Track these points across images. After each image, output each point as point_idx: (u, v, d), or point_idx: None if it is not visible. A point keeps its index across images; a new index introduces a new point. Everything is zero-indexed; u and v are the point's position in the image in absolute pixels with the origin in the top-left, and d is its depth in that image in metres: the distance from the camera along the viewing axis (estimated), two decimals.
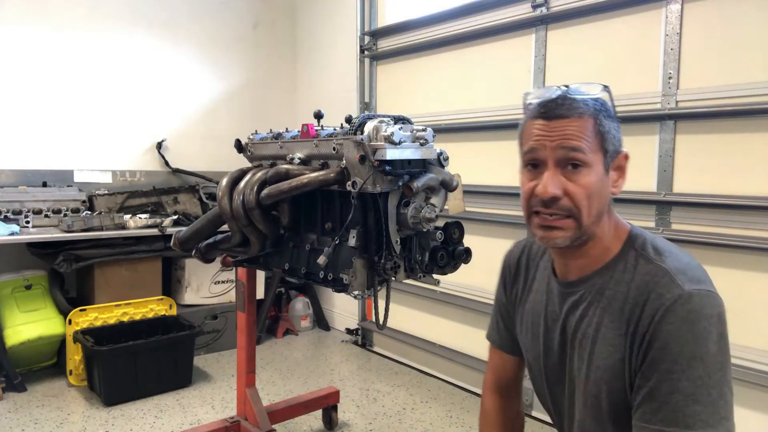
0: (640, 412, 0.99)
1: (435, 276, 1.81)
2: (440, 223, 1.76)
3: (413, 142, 1.71)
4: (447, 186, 1.79)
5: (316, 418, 2.96)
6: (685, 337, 0.96)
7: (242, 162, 2.14)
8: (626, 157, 1.11)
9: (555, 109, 1.07)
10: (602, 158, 1.06)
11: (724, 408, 0.96)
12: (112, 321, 3.36)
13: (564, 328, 1.17)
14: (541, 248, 1.32)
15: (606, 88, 1.10)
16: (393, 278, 1.74)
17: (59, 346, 3.40)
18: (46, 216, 3.42)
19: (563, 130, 1.04)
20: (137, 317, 3.44)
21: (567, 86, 1.11)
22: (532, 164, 1.09)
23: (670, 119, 2.41)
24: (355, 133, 1.70)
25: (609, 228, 1.12)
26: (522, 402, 1.48)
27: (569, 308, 1.16)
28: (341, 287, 1.73)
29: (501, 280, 1.43)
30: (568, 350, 1.17)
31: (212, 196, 4.03)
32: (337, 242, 1.75)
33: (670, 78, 2.41)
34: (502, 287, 1.43)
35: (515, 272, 1.37)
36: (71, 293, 3.72)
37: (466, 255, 1.80)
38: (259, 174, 1.86)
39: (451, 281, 3.29)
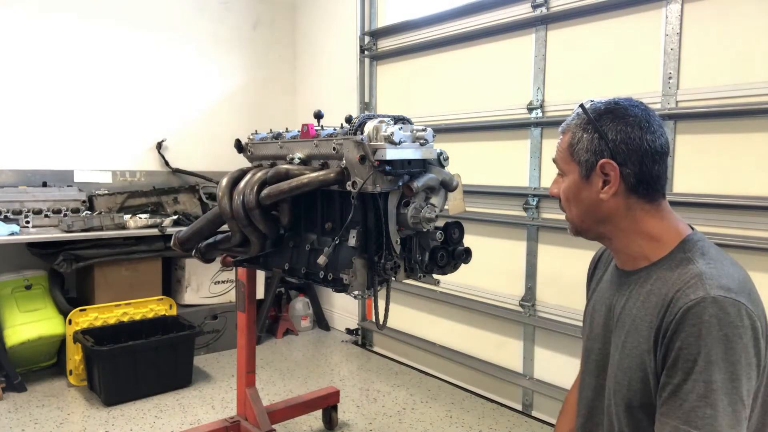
0: (665, 407, 1.05)
1: (435, 276, 1.81)
2: (440, 223, 1.76)
3: (413, 142, 1.71)
4: (447, 186, 1.79)
5: (316, 418, 2.96)
6: (704, 340, 0.99)
7: (242, 162, 2.14)
8: (607, 164, 1.15)
9: (560, 127, 1.28)
10: (576, 168, 1.20)
11: (734, 418, 0.98)
12: (112, 321, 3.36)
13: (612, 312, 1.25)
14: None
15: (580, 105, 1.22)
16: (393, 278, 1.74)
17: (59, 346, 3.40)
18: (46, 216, 3.42)
19: (557, 146, 1.27)
20: (137, 317, 3.44)
21: (582, 105, 1.24)
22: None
23: (670, 119, 2.41)
24: (355, 133, 1.70)
25: (650, 230, 1.18)
26: None
27: (620, 295, 1.23)
28: (341, 287, 1.73)
29: (588, 271, 1.50)
30: (611, 336, 1.23)
31: (212, 196, 4.03)
32: (337, 242, 1.75)
33: (670, 78, 2.41)
34: (587, 278, 1.49)
35: (594, 267, 1.45)
36: (71, 293, 3.72)
37: (466, 255, 1.79)
38: (259, 174, 1.86)
39: (451, 281, 3.30)
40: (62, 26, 3.75)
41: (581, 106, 1.21)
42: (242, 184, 1.87)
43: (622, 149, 1.14)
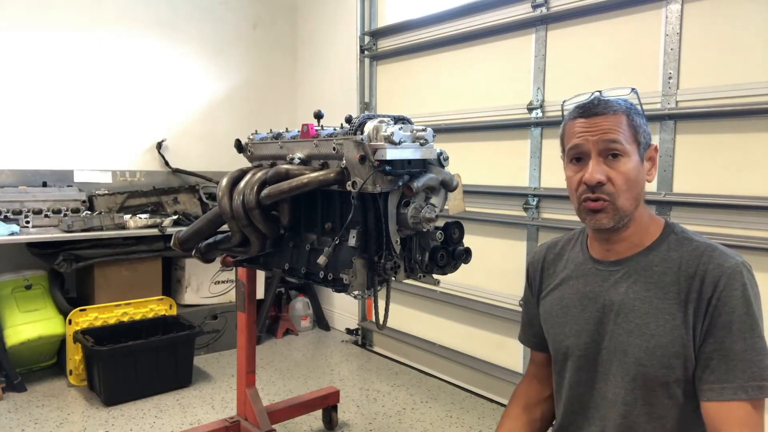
0: (716, 375, 1.10)
1: (435, 276, 1.81)
2: (440, 223, 1.76)
3: (413, 142, 1.70)
4: (447, 186, 1.79)
5: (316, 418, 2.96)
6: (748, 300, 1.11)
7: (242, 162, 2.13)
8: (656, 149, 1.27)
9: (592, 108, 1.22)
10: (637, 149, 1.21)
11: None
12: (112, 321, 3.36)
13: (601, 303, 1.26)
14: (567, 242, 1.42)
15: (633, 90, 1.28)
16: (393, 278, 1.74)
17: (59, 346, 3.40)
18: (46, 216, 3.42)
19: (601, 125, 1.20)
20: (137, 317, 3.44)
21: (599, 92, 1.26)
22: (576, 158, 1.24)
23: (670, 119, 2.41)
24: (355, 133, 1.70)
25: (645, 216, 1.26)
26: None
27: (609, 284, 1.25)
28: (341, 287, 1.73)
29: (527, 280, 1.50)
30: (608, 326, 1.24)
31: (212, 196, 4.03)
32: (337, 242, 1.75)
33: (670, 78, 2.41)
34: (529, 287, 1.50)
35: (542, 269, 1.45)
36: (71, 293, 3.72)
37: (466, 255, 1.79)
38: (259, 174, 1.86)
39: (451, 281, 3.30)
40: (62, 26, 3.75)
41: (633, 90, 1.28)
42: (242, 184, 1.86)
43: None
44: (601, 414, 1.26)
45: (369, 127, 1.68)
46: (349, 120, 1.77)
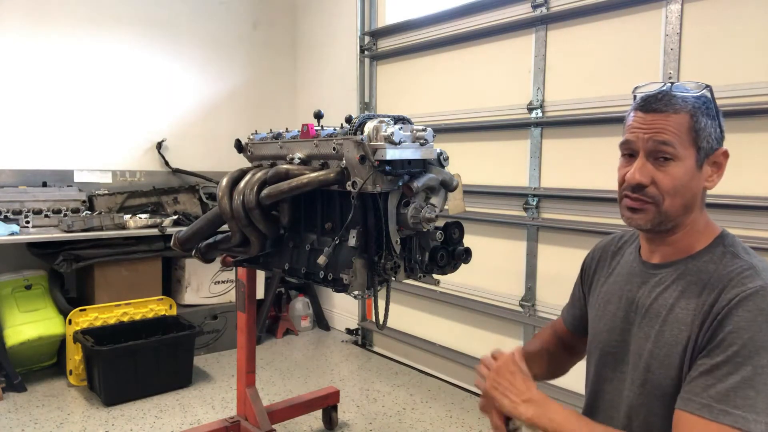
0: (692, 386, 1.04)
1: (435, 276, 1.81)
2: (440, 223, 1.76)
3: (413, 142, 1.70)
4: (447, 186, 1.79)
5: (316, 418, 2.96)
6: (759, 326, 1.00)
7: (242, 162, 2.14)
8: (725, 154, 1.15)
9: (653, 103, 1.13)
10: (695, 153, 1.11)
11: None
12: (112, 321, 3.36)
13: (634, 304, 1.22)
14: (631, 238, 1.38)
15: (708, 87, 1.15)
16: (393, 278, 1.74)
17: (59, 346, 3.40)
18: (46, 216, 3.42)
19: (657, 124, 1.11)
20: (137, 317, 3.44)
21: (672, 82, 1.16)
22: (629, 153, 1.17)
23: None
24: (355, 133, 1.70)
25: (700, 223, 1.19)
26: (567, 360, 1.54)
27: (646, 287, 1.21)
28: (341, 287, 1.73)
29: (583, 265, 1.48)
30: (634, 328, 1.21)
31: (212, 196, 4.03)
32: (337, 242, 1.75)
33: (670, 78, 2.39)
34: (581, 273, 1.48)
35: (599, 260, 1.41)
36: (71, 293, 3.72)
37: (466, 255, 1.79)
38: (259, 174, 1.86)
39: (451, 281, 3.30)
40: (62, 26, 3.75)
41: (707, 87, 1.15)
42: (242, 184, 1.87)
43: (723, 139, 1.16)
44: (608, 415, 1.25)
45: (369, 127, 1.68)
46: (349, 120, 1.77)
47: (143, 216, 3.55)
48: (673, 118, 1.10)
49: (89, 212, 3.55)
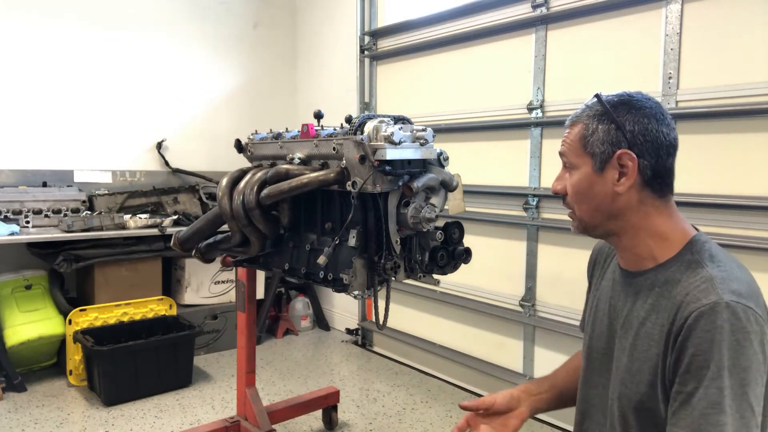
0: (676, 417, 1.02)
1: (435, 276, 1.81)
2: (440, 223, 1.76)
3: (413, 142, 1.70)
4: (447, 186, 1.79)
5: (316, 418, 2.96)
6: (719, 345, 0.98)
7: (242, 162, 2.14)
8: (625, 155, 1.12)
9: (568, 119, 1.23)
10: (590, 160, 1.15)
11: (743, 425, 0.98)
12: (112, 321, 3.36)
13: (615, 312, 1.23)
14: None
15: (597, 95, 1.18)
16: (393, 278, 1.74)
17: (59, 346, 3.40)
18: (46, 216, 3.42)
19: (565, 137, 1.21)
20: (137, 317, 3.44)
21: (597, 95, 1.20)
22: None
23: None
24: (355, 133, 1.70)
25: (659, 228, 1.16)
26: None
27: (624, 297, 1.21)
28: (341, 287, 1.73)
29: (587, 268, 1.47)
30: (616, 338, 1.21)
31: (212, 196, 4.03)
32: (337, 242, 1.75)
33: (670, 78, 2.41)
34: (587, 274, 1.47)
35: (595, 260, 1.42)
36: (71, 293, 3.72)
37: (466, 255, 1.79)
38: (259, 174, 1.86)
39: (451, 281, 3.30)
40: (62, 26, 3.75)
41: (597, 96, 1.17)
42: (242, 184, 1.87)
43: (640, 140, 1.12)
44: (596, 420, 1.26)
45: (369, 127, 1.68)
46: (349, 120, 1.77)
47: (143, 216, 3.55)
48: (570, 130, 1.19)
49: (89, 212, 3.54)
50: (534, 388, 1.40)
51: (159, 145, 4.15)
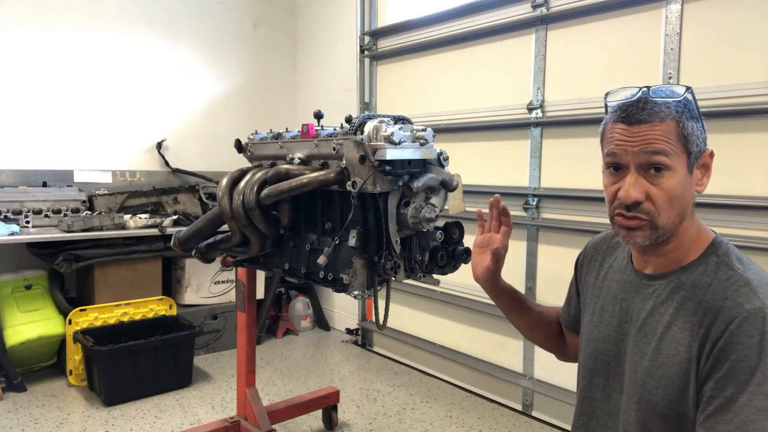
0: (711, 421, 1.00)
1: (435, 276, 1.81)
2: (440, 223, 1.76)
3: (413, 142, 1.71)
4: (447, 186, 1.79)
5: (316, 418, 2.96)
6: (764, 351, 0.96)
7: (242, 162, 2.14)
8: (711, 154, 1.12)
9: (636, 113, 1.06)
10: (686, 160, 1.07)
11: None
12: (112, 321, 3.36)
13: (629, 315, 1.19)
14: None
15: (689, 89, 1.09)
16: (393, 278, 1.74)
17: (59, 346, 3.40)
18: (46, 216, 3.42)
19: (645, 135, 1.05)
20: (137, 317, 3.44)
21: (648, 87, 1.11)
22: (614, 167, 1.10)
23: None
24: (355, 133, 1.70)
25: (692, 230, 1.13)
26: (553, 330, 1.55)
27: (640, 297, 1.17)
28: (341, 287, 1.73)
29: (576, 263, 1.46)
30: (629, 340, 1.17)
31: (212, 196, 4.03)
32: (337, 242, 1.75)
33: (670, 78, 2.41)
34: (575, 269, 1.47)
35: (592, 257, 1.38)
36: (71, 293, 3.72)
37: (466, 255, 1.79)
38: (259, 174, 1.86)
39: (451, 281, 3.29)
40: (62, 26, 3.75)
41: (689, 89, 1.08)
42: (242, 184, 1.87)
43: (706, 139, 1.11)
44: (602, 423, 1.24)
45: (369, 127, 1.68)
46: (349, 120, 1.77)
47: (143, 216, 3.55)
48: (660, 126, 1.04)
49: (89, 212, 3.55)
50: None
51: (159, 145, 4.15)
